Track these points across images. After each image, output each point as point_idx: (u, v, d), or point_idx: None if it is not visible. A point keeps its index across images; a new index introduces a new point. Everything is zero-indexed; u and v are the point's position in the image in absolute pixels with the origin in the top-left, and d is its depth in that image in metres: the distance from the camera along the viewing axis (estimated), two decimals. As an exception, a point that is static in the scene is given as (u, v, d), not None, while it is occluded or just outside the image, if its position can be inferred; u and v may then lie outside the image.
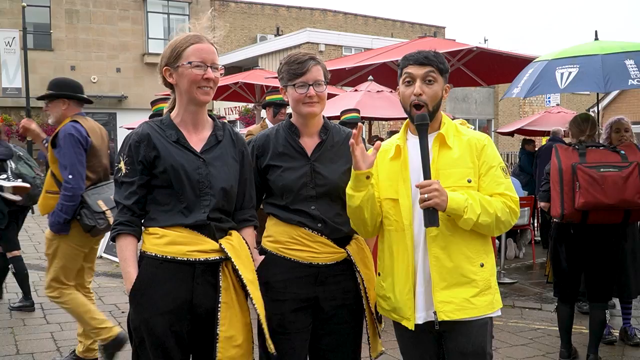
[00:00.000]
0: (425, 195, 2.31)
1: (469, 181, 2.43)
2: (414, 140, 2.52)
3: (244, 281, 2.40)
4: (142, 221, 2.47)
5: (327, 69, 2.75)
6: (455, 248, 2.41)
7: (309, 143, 2.71)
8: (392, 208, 2.53)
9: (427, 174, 2.38)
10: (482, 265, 2.44)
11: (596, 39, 5.50)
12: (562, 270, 4.64)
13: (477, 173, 2.46)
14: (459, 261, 2.41)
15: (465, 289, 2.41)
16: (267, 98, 6.53)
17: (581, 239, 4.48)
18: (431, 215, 2.33)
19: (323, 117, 2.77)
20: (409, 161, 2.52)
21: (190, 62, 2.40)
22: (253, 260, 2.54)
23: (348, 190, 2.51)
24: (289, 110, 2.92)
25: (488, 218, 2.37)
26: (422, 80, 2.47)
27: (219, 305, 2.38)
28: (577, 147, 4.46)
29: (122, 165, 2.44)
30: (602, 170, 4.25)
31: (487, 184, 2.44)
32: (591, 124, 4.66)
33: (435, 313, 2.42)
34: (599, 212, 4.31)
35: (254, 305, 2.42)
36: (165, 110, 2.58)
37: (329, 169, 2.67)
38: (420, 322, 2.47)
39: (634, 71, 4.64)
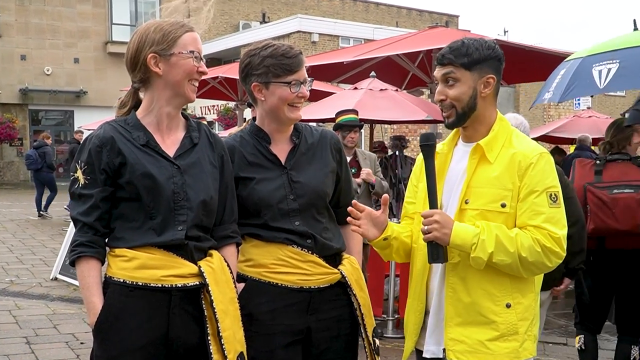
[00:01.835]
0: (425, 227, 2.36)
1: (503, 206, 2.38)
2: (463, 149, 2.55)
3: (216, 313, 2.37)
4: (107, 240, 2.43)
5: (322, 62, 2.79)
6: (476, 282, 2.41)
7: (281, 150, 2.71)
8: (420, 224, 2.53)
9: (432, 202, 2.42)
10: (508, 306, 2.40)
11: (635, 29, 5.48)
12: (582, 299, 4.73)
13: (515, 197, 2.39)
14: (477, 297, 2.41)
15: (482, 330, 2.41)
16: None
17: (603, 267, 4.56)
18: (434, 250, 2.37)
19: None
20: (446, 172, 2.55)
21: (192, 51, 2.41)
22: (235, 287, 2.51)
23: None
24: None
25: (507, 258, 2.31)
26: (443, 82, 2.50)
27: (208, 338, 2.37)
28: (598, 160, 4.55)
29: (79, 174, 2.38)
30: (615, 191, 4.30)
31: (523, 213, 2.37)
32: (615, 129, 4.74)
33: (444, 350, 2.46)
34: (617, 237, 4.39)
35: (222, 345, 2.36)
36: (120, 112, 2.53)
37: (308, 175, 2.68)
38: (427, 356, 2.54)
39: None
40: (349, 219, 2.52)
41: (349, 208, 2.51)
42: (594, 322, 4.74)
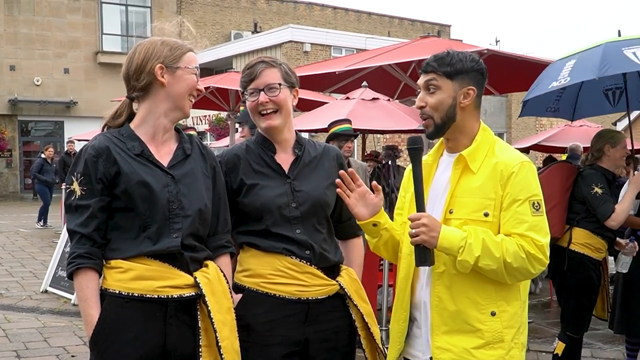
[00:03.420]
0: (413, 231, 2.40)
1: (486, 215, 2.43)
2: (447, 159, 2.60)
3: (214, 323, 2.40)
4: (103, 252, 2.45)
5: (314, 72, 2.84)
6: (460, 290, 2.45)
7: (284, 160, 2.78)
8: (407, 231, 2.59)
9: (419, 206, 2.46)
10: (493, 314, 2.44)
11: (620, 37, 5.57)
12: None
13: (498, 206, 2.43)
14: (462, 305, 2.45)
15: (468, 338, 2.45)
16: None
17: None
18: (421, 253, 2.40)
19: (295, 131, 2.85)
20: (431, 182, 2.60)
21: (196, 67, 2.53)
22: (232, 297, 2.55)
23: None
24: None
25: (492, 262, 2.35)
26: (425, 89, 2.56)
27: (200, 349, 2.40)
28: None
29: (75, 186, 2.40)
30: None
31: (506, 221, 2.41)
32: (593, 139, 5.00)
33: (431, 359, 2.50)
34: None
35: (221, 355, 2.40)
36: (114, 122, 2.56)
37: (310, 185, 2.74)
38: None
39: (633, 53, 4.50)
40: (337, 181, 2.56)
41: (341, 171, 2.56)
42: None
